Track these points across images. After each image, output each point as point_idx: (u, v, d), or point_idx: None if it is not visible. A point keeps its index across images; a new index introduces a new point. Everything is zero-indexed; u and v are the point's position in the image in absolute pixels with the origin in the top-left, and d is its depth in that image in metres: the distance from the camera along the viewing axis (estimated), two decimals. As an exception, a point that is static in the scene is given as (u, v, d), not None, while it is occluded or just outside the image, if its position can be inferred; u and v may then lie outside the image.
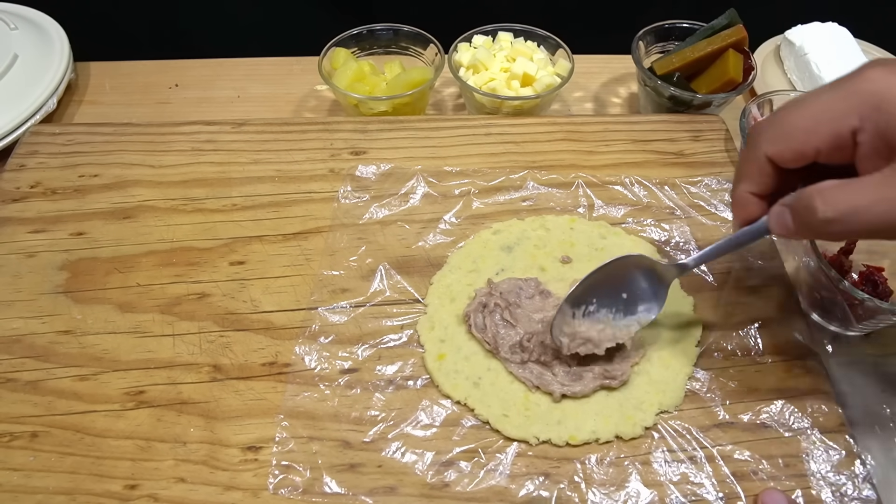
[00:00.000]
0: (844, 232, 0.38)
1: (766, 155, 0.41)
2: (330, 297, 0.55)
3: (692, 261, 0.49)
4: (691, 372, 0.50)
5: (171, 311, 0.54)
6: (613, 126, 0.69)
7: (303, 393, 0.49)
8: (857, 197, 0.37)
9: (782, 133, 0.40)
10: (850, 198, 0.37)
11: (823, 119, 0.38)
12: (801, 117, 0.39)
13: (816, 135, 0.39)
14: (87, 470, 0.46)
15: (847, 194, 0.37)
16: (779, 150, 0.40)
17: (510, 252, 0.57)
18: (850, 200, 0.37)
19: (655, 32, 0.75)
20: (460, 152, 0.66)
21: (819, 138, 0.38)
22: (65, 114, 0.79)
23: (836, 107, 0.38)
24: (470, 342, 0.52)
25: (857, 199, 0.37)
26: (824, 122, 0.38)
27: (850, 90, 0.38)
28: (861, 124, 0.37)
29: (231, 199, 0.62)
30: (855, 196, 0.37)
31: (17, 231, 0.60)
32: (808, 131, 0.39)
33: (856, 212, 0.36)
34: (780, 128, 0.41)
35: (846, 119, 0.37)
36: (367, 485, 0.45)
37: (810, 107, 0.39)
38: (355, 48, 0.77)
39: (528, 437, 0.47)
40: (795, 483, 0.45)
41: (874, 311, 0.51)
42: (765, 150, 0.41)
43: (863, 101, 0.37)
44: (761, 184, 0.42)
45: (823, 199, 0.38)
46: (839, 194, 0.37)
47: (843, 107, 0.38)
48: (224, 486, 0.45)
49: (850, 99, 0.37)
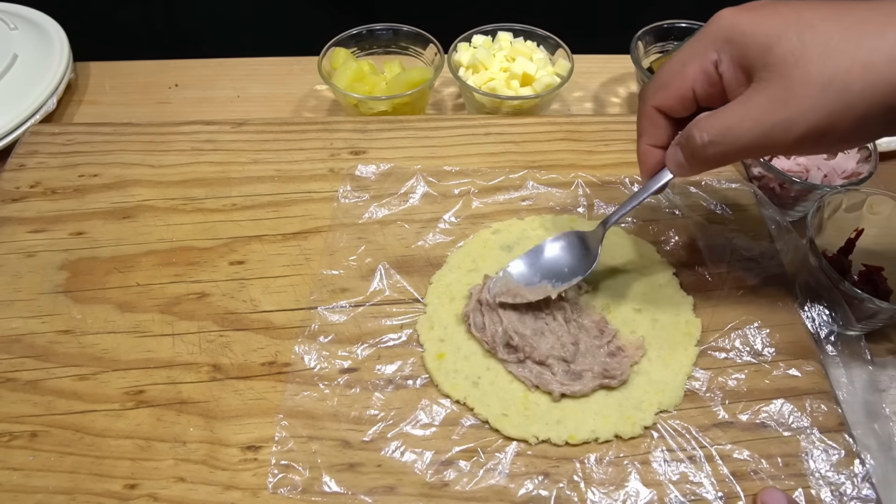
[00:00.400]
0: (723, 153, 0.42)
1: (652, 107, 0.46)
2: (329, 296, 0.55)
3: (613, 215, 0.52)
4: (690, 371, 0.50)
5: (171, 311, 0.54)
6: (613, 126, 0.69)
7: (302, 392, 0.49)
8: (726, 118, 0.41)
9: (660, 83, 0.45)
10: (720, 121, 0.42)
11: (689, 60, 0.43)
12: (672, 65, 0.45)
13: (687, 76, 0.43)
14: (86, 469, 0.46)
15: (718, 118, 0.42)
16: (661, 98, 0.45)
17: (510, 251, 0.58)
18: (721, 123, 0.41)
19: (654, 32, 0.75)
20: (460, 152, 0.66)
21: (690, 78, 0.43)
22: (65, 114, 0.79)
23: (696, 48, 0.43)
24: (469, 341, 0.52)
25: (725, 121, 0.41)
26: (689, 62, 0.43)
27: (706, 32, 0.43)
28: (719, 56, 0.42)
29: (231, 199, 0.62)
30: (723, 118, 0.41)
31: (16, 231, 0.60)
32: (679, 75, 0.44)
33: (728, 131, 0.41)
34: (657, 79, 0.46)
35: (707, 54, 0.42)
36: (367, 484, 0.45)
37: (678, 55, 0.45)
38: (355, 48, 0.77)
39: (528, 436, 0.47)
40: (795, 482, 0.45)
41: (874, 311, 0.52)
42: (651, 102, 0.46)
43: (716, 37, 0.42)
44: (657, 135, 0.47)
45: (699, 126, 0.43)
46: (712, 120, 0.42)
47: (703, 46, 0.43)
48: (224, 485, 0.45)
49: (706, 37, 0.43)
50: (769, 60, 0.40)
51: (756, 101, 0.40)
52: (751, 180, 0.64)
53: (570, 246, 0.54)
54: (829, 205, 0.56)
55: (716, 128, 0.42)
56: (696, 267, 0.57)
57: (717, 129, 0.42)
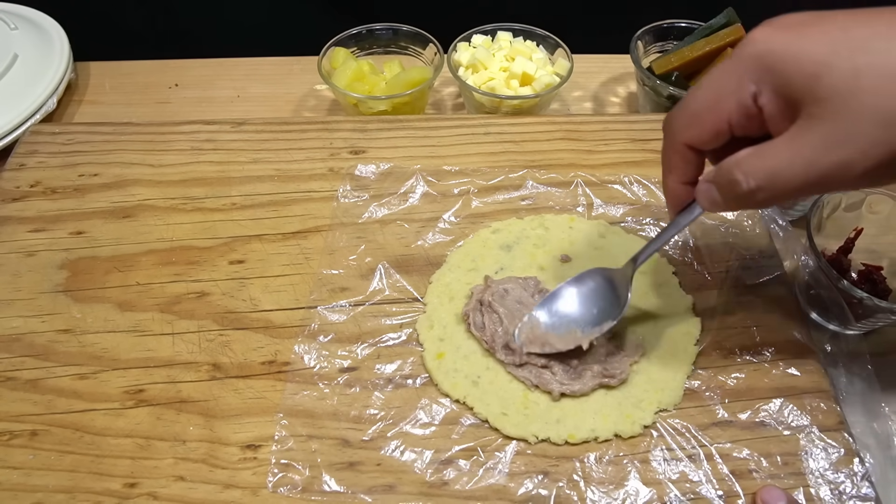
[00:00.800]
0: (772, 198, 0.38)
1: (683, 143, 0.41)
2: (329, 295, 0.55)
3: (642, 254, 0.50)
4: (690, 371, 0.50)
5: (171, 310, 0.54)
6: (612, 125, 0.69)
7: (302, 391, 0.49)
8: (773, 161, 0.37)
9: (691, 117, 0.40)
10: (767, 163, 0.37)
11: (724, 92, 0.38)
12: (705, 97, 0.40)
13: (723, 110, 0.39)
14: (86, 468, 0.46)
15: (763, 160, 0.37)
16: (694, 134, 0.41)
17: (509, 251, 0.58)
18: (768, 166, 0.37)
19: (654, 32, 0.75)
20: (459, 151, 0.66)
21: (726, 112, 0.38)
22: (65, 113, 0.79)
23: (732, 77, 0.38)
24: (469, 341, 0.52)
25: (773, 163, 0.37)
26: (725, 95, 0.38)
27: (740, 58, 0.38)
28: (758, 88, 0.37)
29: (230, 199, 0.62)
30: (770, 160, 0.37)
31: (16, 230, 0.60)
32: (714, 109, 0.39)
33: (776, 175, 0.36)
34: (688, 113, 0.41)
35: (744, 87, 0.37)
36: (367, 483, 0.45)
37: (710, 84, 0.39)
38: (355, 48, 0.77)
39: (527, 435, 0.47)
40: (794, 481, 0.45)
41: (873, 310, 0.52)
42: (680, 138, 0.41)
43: (755, 65, 0.37)
44: (687, 172, 0.43)
45: (743, 170, 0.38)
46: (756, 162, 0.37)
47: (738, 75, 0.38)
48: (223, 484, 0.45)
49: (743, 65, 0.37)
50: (819, 94, 0.35)
51: (807, 141, 0.35)
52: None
53: (596, 286, 0.51)
54: (828, 204, 0.56)
55: (763, 172, 0.37)
56: (696, 266, 0.57)
57: (764, 173, 0.37)
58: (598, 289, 0.51)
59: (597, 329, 0.49)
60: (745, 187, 0.38)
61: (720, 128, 0.39)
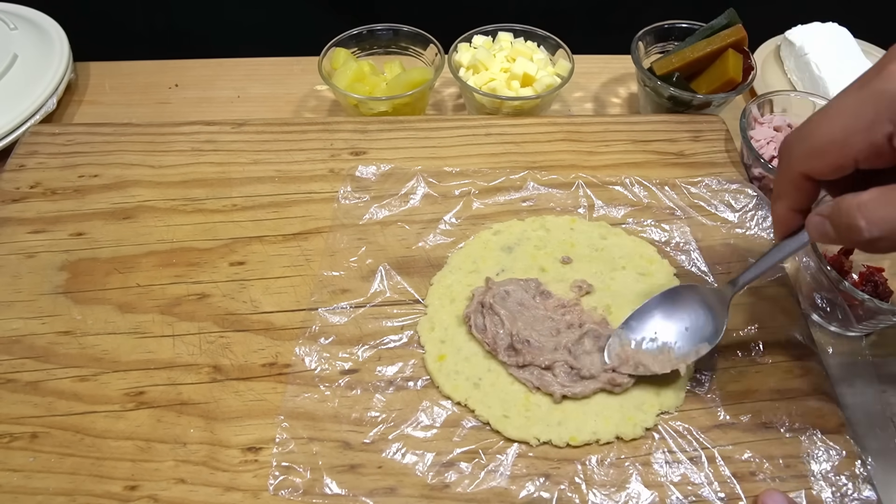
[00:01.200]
0: (891, 247, 0.36)
1: (800, 173, 0.40)
2: (330, 297, 0.55)
3: (743, 276, 0.48)
4: (691, 373, 0.50)
5: (171, 312, 0.54)
6: (613, 126, 0.69)
7: (303, 394, 0.49)
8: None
9: (814, 149, 0.38)
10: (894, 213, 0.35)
11: (854, 129, 0.36)
12: (831, 129, 0.37)
13: (850, 147, 0.36)
14: (87, 471, 0.46)
15: (890, 208, 0.35)
16: (814, 166, 0.39)
17: (510, 252, 0.57)
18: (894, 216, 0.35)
19: (655, 32, 0.75)
20: (460, 153, 0.66)
21: (854, 150, 0.36)
22: (65, 114, 0.79)
23: (865, 113, 0.35)
24: (470, 343, 0.52)
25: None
26: (856, 132, 0.36)
27: (876, 92, 0.35)
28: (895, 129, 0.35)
29: (231, 200, 0.62)
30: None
31: (16, 231, 0.60)
32: (841, 144, 0.37)
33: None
34: (810, 143, 0.39)
35: (878, 126, 0.35)
36: (368, 486, 0.45)
37: (838, 116, 0.37)
38: (355, 48, 0.77)
39: (529, 437, 0.47)
40: (796, 483, 0.45)
41: (874, 312, 0.51)
42: (799, 168, 0.39)
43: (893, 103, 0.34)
44: (799, 200, 0.41)
45: (866, 216, 0.35)
46: (882, 210, 0.35)
47: (873, 113, 0.35)
48: (224, 486, 0.45)
49: (879, 103, 0.35)
50: None
51: None
52: (751, 181, 0.64)
53: (687, 303, 0.50)
54: (829, 205, 0.56)
55: (889, 222, 0.35)
56: (697, 267, 0.57)
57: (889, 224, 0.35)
58: (689, 306, 0.50)
59: (692, 352, 0.48)
60: (866, 235, 0.36)
61: (844, 164, 0.37)
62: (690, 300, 0.50)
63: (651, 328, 0.50)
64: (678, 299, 0.50)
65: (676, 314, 0.50)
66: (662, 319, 0.50)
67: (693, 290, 0.51)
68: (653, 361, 0.49)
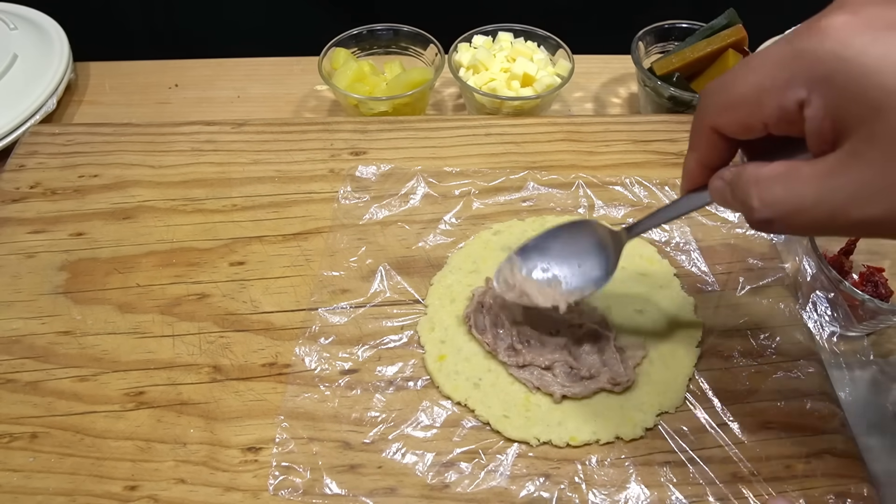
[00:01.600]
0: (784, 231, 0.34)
1: (709, 126, 0.36)
2: (330, 297, 0.55)
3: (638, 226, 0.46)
4: (692, 373, 0.50)
5: (171, 312, 0.54)
6: (614, 126, 0.69)
7: (303, 394, 0.49)
8: (797, 195, 0.31)
9: (724, 103, 0.34)
10: (789, 195, 0.31)
11: (767, 88, 0.32)
12: (745, 84, 0.33)
13: (760, 107, 0.32)
14: (87, 471, 0.46)
15: (787, 191, 0.31)
16: (721, 121, 0.35)
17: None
18: (789, 199, 0.31)
19: (655, 33, 0.75)
20: (460, 153, 0.66)
21: (764, 111, 0.32)
22: (64, 114, 0.79)
23: (780, 72, 0.31)
24: (470, 343, 0.52)
25: (796, 198, 0.31)
26: (768, 90, 0.31)
27: (797, 50, 0.30)
28: (808, 96, 0.30)
29: (231, 200, 0.62)
30: (794, 193, 0.31)
31: (16, 231, 0.60)
32: (751, 102, 0.33)
33: (796, 213, 0.31)
34: (722, 95, 0.34)
35: (792, 89, 0.30)
36: (368, 486, 0.45)
37: (756, 71, 0.32)
38: (355, 48, 0.77)
39: (529, 438, 0.47)
40: (796, 485, 0.45)
41: (875, 312, 0.51)
42: (707, 120, 0.36)
43: (812, 67, 0.30)
44: (709, 155, 0.37)
45: (760, 195, 0.32)
46: (778, 190, 0.32)
47: (789, 72, 0.30)
48: (224, 487, 0.45)
49: (797, 62, 0.30)
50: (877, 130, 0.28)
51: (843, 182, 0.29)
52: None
53: (587, 240, 0.48)
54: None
55: (781, 206, 0.32)
56: (697, 268, 0.57)
57: (782, 207, 0.32)
58: (588, 244, 0.48)
59: (577, 291, 0.47)
60: (756, 216, 0.33)
61: (752, 124, 0.33)
62: (589, 237, 0.48)
63: (546, 259, 0.48)
64: (578, 234, 0.48)
65: (573, 249, 0.48)
66: (559, 252, 0.48)
67: (593, 228, 0.48)
68: (538, 293, 0.47)
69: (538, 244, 0.49)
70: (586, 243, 0.48)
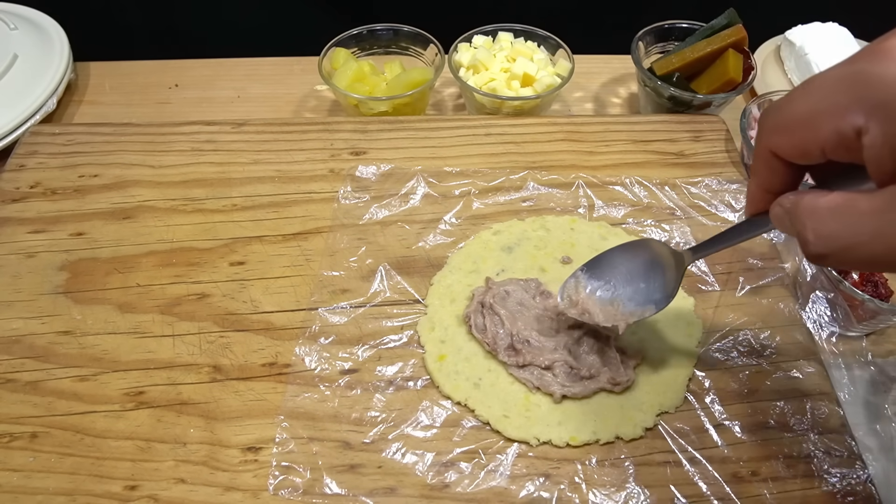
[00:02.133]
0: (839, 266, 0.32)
1: (768, 149, 0.34)
2: (330, 297, 0.55)
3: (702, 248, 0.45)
4: (692, 373, 0.50)
5: (171, 312, 0.54)
6: (614, 126, 0.69)
7: (303, 394, 0.49)
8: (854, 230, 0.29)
9: (781, 124, 0.33)
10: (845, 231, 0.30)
11: (823, 109, 0.30)
12: (802, 106, 0.31)
13: (815, 131, 0.30)
14: (87, 471, 0.46)
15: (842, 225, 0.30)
16: (779, 144, 0.33)
17: (510, 252, 0.57)
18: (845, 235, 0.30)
19: (655, 32, 0.75)
20: (460, 152, 0.66)
21: (820, 135, 0.30)
22: (65, 114, 0.79)
23: (838, 95, 0.29)
24: (470, 343, 0.52)
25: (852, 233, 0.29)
26: (824, 113, 0.30)
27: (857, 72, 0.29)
28: (866, 123, 0.28)
29: (231, 200, 0.62)
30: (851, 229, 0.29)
31: (16, 231, 0.60)
32: (806, 125, 0.31)
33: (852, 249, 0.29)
34: (779, 115, 0.33)
35: (849, 114, 0.29)
36: (368, 486, 0.45)
37: (814, 92, 0.31)
38: (355, 48, 0.77)
39: (529, 437, 0.47)
40: (796, 484, 0.45)
41: (874, 312, 0.51)
42: (766, 143, 0.34)
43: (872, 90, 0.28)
44: (770, 181, 0.35)
45: (815, 228, 0.31)
46: (834, 224, 0.30)
47: (847, 96, 0.29)
48: (224, 486, 0.45)
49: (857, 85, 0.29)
50: None
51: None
52: (751, 181, 0.63)
53: (649, 261, 0.47)
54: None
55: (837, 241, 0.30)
56: (697, 267, 0.57)
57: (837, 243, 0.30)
58: (649, 264, 0.47)
59: (637, 311, 0.47)
60: (812, 250, 0.31)
61: (808, 149, 0.31)
62: (652, 257, 0.47)
63: (610, 277, 0.48)
64: (641, 253, 0.48)
65: (637, 269, 0.48)
66: (624, 271, 0.48)
67: (657, 248, 0.48)
68: (600, 311, 0.48)
69: (604, 261, 0.49)
70: (650, 263, 0.48)
